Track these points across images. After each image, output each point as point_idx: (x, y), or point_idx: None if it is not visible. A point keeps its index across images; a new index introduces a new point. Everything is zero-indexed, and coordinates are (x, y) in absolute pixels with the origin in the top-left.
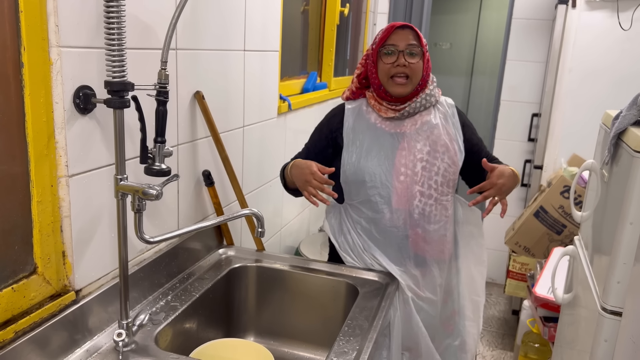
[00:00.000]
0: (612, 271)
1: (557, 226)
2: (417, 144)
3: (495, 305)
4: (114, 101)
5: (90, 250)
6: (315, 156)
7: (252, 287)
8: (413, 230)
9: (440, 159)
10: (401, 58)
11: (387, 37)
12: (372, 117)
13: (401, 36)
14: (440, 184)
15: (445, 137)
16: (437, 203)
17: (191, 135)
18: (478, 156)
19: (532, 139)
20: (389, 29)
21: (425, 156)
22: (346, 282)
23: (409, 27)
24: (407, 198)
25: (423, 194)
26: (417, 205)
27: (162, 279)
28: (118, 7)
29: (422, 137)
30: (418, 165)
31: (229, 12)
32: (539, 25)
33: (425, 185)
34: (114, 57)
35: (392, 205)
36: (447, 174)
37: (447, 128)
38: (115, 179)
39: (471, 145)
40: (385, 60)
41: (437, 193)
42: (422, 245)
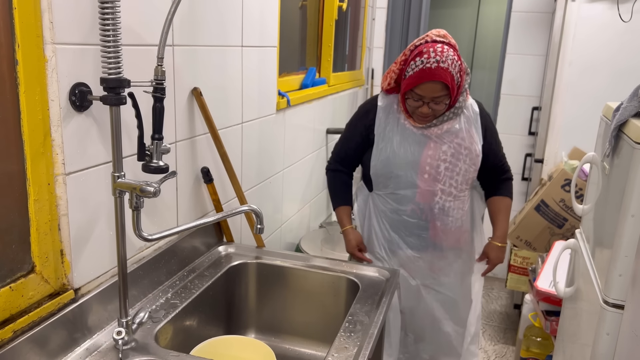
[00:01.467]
0: (613, 264)
1: (558, 220)
2: (442, 146)
3: (497, 300)
4: (110, 98)
5: (89, 248)
6: (353, 152)
7: (252, 284)
8: (433, 223)
9: (462, 160)
10: (425, 108)
11: (416, 86)
12: (402, 117)
13: (429, 89)
14: (460, 183)
15: (468, 141)
16: (456, 199)
17: (189, 132)
18: (492, 159)
19: (532, 132)
20: (419, 78)
21: (449, 158)
22: (347, 278)
23: (441, 82)
24: (429, 195)
25: (444, 191)
26: (437, 201)
27: (162, 276)
28: (113, 3)
29: (447, 140)
30: (441, 166)
31: (226, 8)
32: (538, 19)
33: (446, 184)
34: (110, 53)
35: (416, 200)
36: (467, 173)
37: (470, 132)
38: (113, 176)
39: (489, 149)
40: (411, 102)
41: (456, 191)
42: (441, 235)
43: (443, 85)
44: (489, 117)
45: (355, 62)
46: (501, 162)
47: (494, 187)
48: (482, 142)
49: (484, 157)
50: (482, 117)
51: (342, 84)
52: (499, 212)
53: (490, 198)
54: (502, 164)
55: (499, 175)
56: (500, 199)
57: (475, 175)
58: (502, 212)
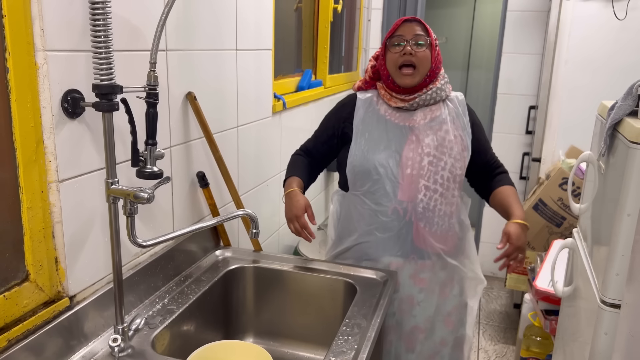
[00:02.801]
0: (610, 263)
1: (556, 219)
2: (425, 139)
3: (496, 300)
4: (103, 104)
5: (84, 255)
6: (321, 145)
7: (250, 288)
8: (416, 224)
9: (447, 154)
10: (407, 47)
11: (395, 30)
12: (382, 109)
13: (408, 28)
14: (446, 179)
15: (454, 133)
16: (443, 198)
17: (184, 137)
18: (484, 156)
19: (529, 131)
20: (398, 22)
21: (432, 151)
22: (344, 281)
23: (417, 20)
24: (412, 192)
25: (428, 188)
26: (421, 199)
27: (159, 282)
28: (104, 10)
29: (431, 131)
30: (425, 160)
31: (219, 12)
32: (534, 17)
33: (431, 179)
34: (101, 59)
35: (397, 198)
36: (454, 169)
37: (456, 124)
38: (106, 182)
39: (479, 145)
40: (393, 50)
41: (442, 188)
42: (425, 238)
43: (422, 26)
44: (474, 112)
45: (352, 63)
46: (493, 158)
47: (492, 182)
48: (471, 136)
49: (474, 154)
50: (468, 111)
51: (339, 85)
52: (507, 197)
53: (492, 193)
54: (494, 160)
55: (494, 171)
56: (503, 188)
57: (463, 172)
58: (511, 197)
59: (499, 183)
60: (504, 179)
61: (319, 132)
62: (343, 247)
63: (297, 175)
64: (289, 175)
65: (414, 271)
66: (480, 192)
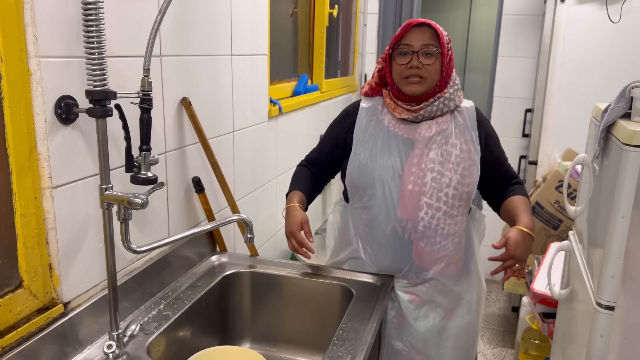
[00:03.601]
0: (605, 265)
1: (553, 221)
2: (429, 153)
3: (495, 303)
4: (96, 110)
5: (78, 261)
6: (325, 156)
7: (246, 293)
8: (416, 243)
9: (453, 170)
10: (415, 59)
11: (402, 36)
12: (387, 119)
13: (417, 35)
14: (451, 197)
15: (461, 148)
16: (447, 217)
17: (179, 142)
18: (499, 169)
19: (526, 134)
20: (406, 26)
21: (436, 166)
22: (340, 285)
23: (427, 25)
24: (413, 209)
25: (430, 206)
26: (422, 217)
27: (154, 287)
28: (97, 16)
29: (435, 145)
30: (428, 176)
31: (214, 18)
32: (529, 21)
33: (433, 197)
34: (94, 65)
35: (396, 216)
36: (460, 186)
37: (464, 137)
38: (100, 188)
39: (492, 158)
40: (399, 60)
41: (446, 206)
42: (425, 259)
43: (432, 32)
44: (488, 122)
45: (348, 68)
46: (508, 170)
47: (505, 193)
48: (483, 150)
49: (488, 166)
50: (480, 122)
51: (335, 90)
52: (517, 206)
53: (503, 203)
54: (510, 172)
55: (508, 181)
56: (514, 198)
57: (472, 189)
58: (521, 205)
59: (511, 193)
60: (517, 189)
61: (323, 143)
62: (339, 258)
63: (299, 189)
64: (291, 189)
65: (411, 287)
66: (492, 203)
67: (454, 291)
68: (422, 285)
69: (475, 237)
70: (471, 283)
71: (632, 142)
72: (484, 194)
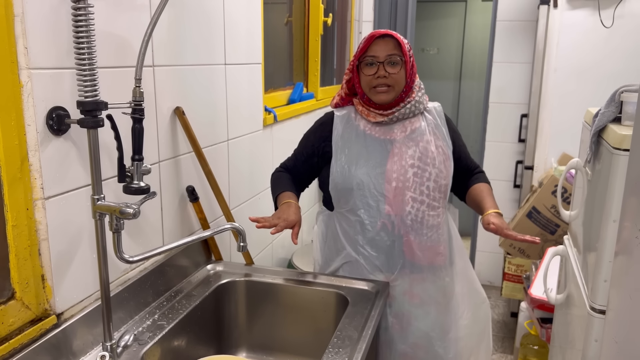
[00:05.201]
0: (598, 270)
1: (550, 226)
2: (408, 150)
3: (494, 309)
4: (87, 121)
5: (71, 272)
6: (302, 164)
7: (241, 302)
8: (406, 237)
9: (431, 164)
10: (381, 69)
11: (367, 48)
12: (362, 124)
13: (381, 46)
14: (432, 190)
15: (435, 144)
16: (430, 209)
17: (173, 152)
18: (465, 162)
19: (522, 139)
20: (369, 38)
21: (416, 162)
22: (335, 292)
23: (390, 36)
24: (399, 204)
25: (415, 199)
26: (409, 211)
27: (149, 297)
28: (87, 27)
29: (412, 143)
30: (409, 172)
31: (207, 28)
32: (523, 27)
33: (417, 191)
34: (85, 76)
35: (385, 213)
36: (439, 179)
37: (436, 134)
38: (92, 199)
39: (459, 152)
40: (366, 71)
41: (429, 199)
42: (416, 251)
43: (395, 42)
44: (451, 120)
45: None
46: (472, 162)
47: (469, 182)
48: (452, 146)
49: (457, 161)
50: (447, 120)
51: (331, 97)
52: (480, 193)
53: (467, 191)
54: (473, 163)
55: (472, 171)
56: (477, 185)
57: (449, 182)
58: (485, 192)
59: (475, 181)
60: (480, 177)
61: (298, 151)
62: (331, 269)
63: (289, 189)
64: (280, 191)
65: (407, 286)
66: (458, 193)
67: (445, 282)
68: (417, 284)
69: (455, 229)
70: (457, 273)
71: (622, 146)
72: (454, 188)
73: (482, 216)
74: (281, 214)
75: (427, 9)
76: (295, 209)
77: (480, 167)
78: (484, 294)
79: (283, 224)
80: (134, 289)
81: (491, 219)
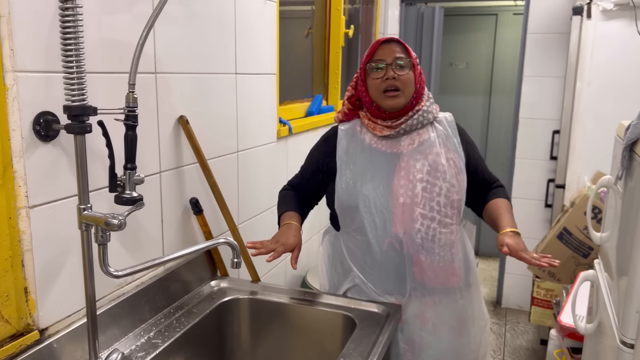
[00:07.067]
0: (630, 299)
1: (582, 249)
2: (416, 164)
3: (522, 335)
4: (74, 126)
5: (58, 285)
6: (307, 182)
7: (245, 321)
8: (416, 256)
9: (441, 178)
10: (390, 71)
11: (374, 53)
12: (367, 138)
13: (387, 50)
14: (443, 205)
15: (446, 156)
16: (441, 226)
17: (176, 162)
18: (481, 176)
19: (554, 157)
20: (375, 44)
21: (425, 176)
22: (343, 315)
23: (395, 41)
24: (408, 222)
25: (425, 216)
26: (419, 229)
27: (146, 314)
28: (75, 27)
29: (421, 156)
30: (418, 187)
31: (216, 36)
32: (555, 39)
33: (426, 207)
34: (72, 79)
35: (391, 230)
36: (450, 194)
37: (447, 146)
38: (78, 208)
39: (475, 165)
40: (374, 75)
41: (440, 215)
42: (427, 272)
43: (401, 47)
44: (465, 132)
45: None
46: (490, 175)
47: (487, 196)
48: (466, 158)
49: (472, 175)
50: (460, 131)
51: None
52: (498, 209)
53: (485, 207)
54: (491, 177)
55: (490, 186)
56: (495, 200)
57: (462, 196)
58: (502, 208)
59: (492, 196)
60: (498, 192)
61: (304, 168)
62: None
63: (293, 209)
64: (283, 211)
65: (419, 310)
66: (475, 209)
67: (459, 305)
68: (430, 307)
69: (471, 249)
70: (472, 297)
71: None
72: (467, 200)
73: (497, 235)
74: (279, 237)
75: (455, 23)
76: (295, 231)
77: (499, 181)
78: (487, 315)
79: (281, 249)
80: (129, 305)
81: (505, 240)
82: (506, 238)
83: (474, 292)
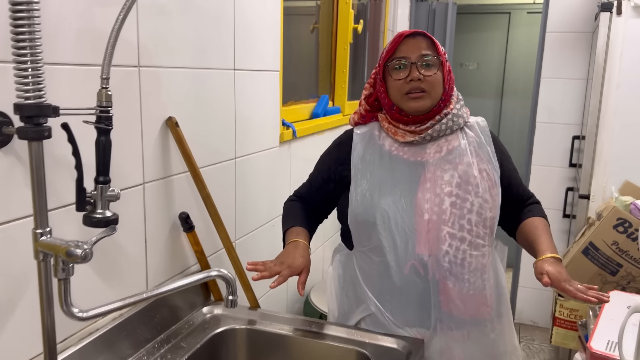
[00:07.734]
0: None
1: (610, 265)
2: (443, 175)
3: (538, 354)
4: (27, 130)
5: (11, 325)
6: (317, 192)
7: (242, 356)
8: (443, 283)
9: (473, 192)
10: (414, 71)
11: (396, 49)
12: (387, 144)
13: (412, 46)
14: (475, 224)
15: (479, 167)
16: (472, 248)
17: (163, 171)
18: (516, 190)
19: (573, 164)
20: (397, 38)
21: (454, 189)
22: (356, 351)
23: (422, 34)
24: (434, 242)
25: (454, 236)
26: (447, 251)
27: (126, 350)
28: (30, 10)
29: (449, 166)
30: (446, 202)
31: (211, 26)
32: (577, 39)
33: (456, 225)
34: (25, 71)
35: (414, 252)
36: (483, 211)
37: (480, 155)
38: (34, 233)
39: (510, 178)
40: (396, 75)
41: (471, 235)
42: (455, 301)
43: (428, 41)
44: (499, 140)
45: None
46: (525, 190)
47: (522, 214)
48: (500, 170)
49: (506, 188)
50: (494, 139)
51: None
52: (535, 230)
53: (519, 226)
54: (526, 192)
55: (525, 202)
56: (531, 220)
57: (495, 214)
58: (540, 229)
59: (527, 215)
60: (534, 209)
61: (313, 176)
62: (350, 323)
63: (300, 224)
64: (289, 226)
65: (445, 346)
66: (507, 227)
67: (490, 339)
68: (457, 342)
69: (503, 274)
70: (504, 329)
71: None
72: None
73: (535, 261)
74: (285, 258)
75: (466, 21)
76: (303, 251)
77: (535, 196)
78: (520, 350)
79: (287, 272)
80: (104, 342)
81: (546, 267)
82: (546, 265)
83: (506, 323)
